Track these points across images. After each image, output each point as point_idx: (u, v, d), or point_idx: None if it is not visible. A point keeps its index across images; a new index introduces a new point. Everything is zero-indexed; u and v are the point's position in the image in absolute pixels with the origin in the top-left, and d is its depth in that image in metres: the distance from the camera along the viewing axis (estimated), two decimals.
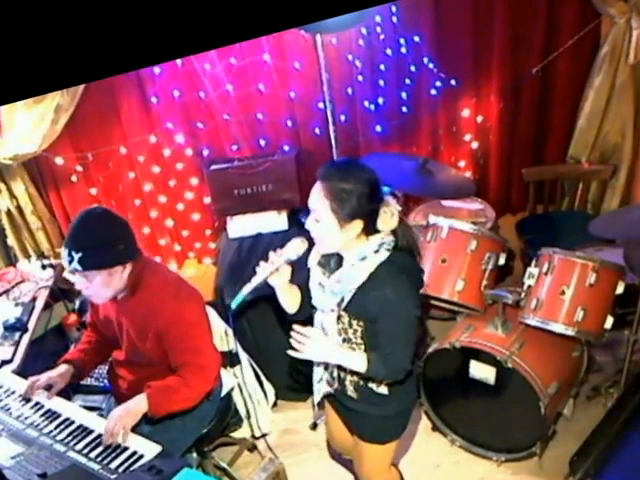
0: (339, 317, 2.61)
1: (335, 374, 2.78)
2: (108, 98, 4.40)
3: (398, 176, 4.12)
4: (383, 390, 2.71)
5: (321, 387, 2.88)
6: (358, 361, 2.58)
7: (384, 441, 2.93)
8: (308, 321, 2.77)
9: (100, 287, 2.79)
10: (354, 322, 2.58)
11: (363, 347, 2.63)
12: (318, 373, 2.88)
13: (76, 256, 2.66)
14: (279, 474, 3.30)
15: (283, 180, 4.38)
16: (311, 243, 2.61)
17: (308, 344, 2.56)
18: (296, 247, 2.59)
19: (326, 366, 2.80)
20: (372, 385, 2.71)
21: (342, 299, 2.55)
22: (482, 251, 3.66)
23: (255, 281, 2.58)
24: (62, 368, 3.11)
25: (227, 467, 3.80)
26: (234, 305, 2.60)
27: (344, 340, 2.64)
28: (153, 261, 3.11)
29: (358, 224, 2.44)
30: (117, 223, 2.81)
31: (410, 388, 2.85)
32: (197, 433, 3.24)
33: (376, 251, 2.47)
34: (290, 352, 2.61)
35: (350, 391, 2.78)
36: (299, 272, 2.74)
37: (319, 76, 4.31)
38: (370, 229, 2.49)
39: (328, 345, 2.64)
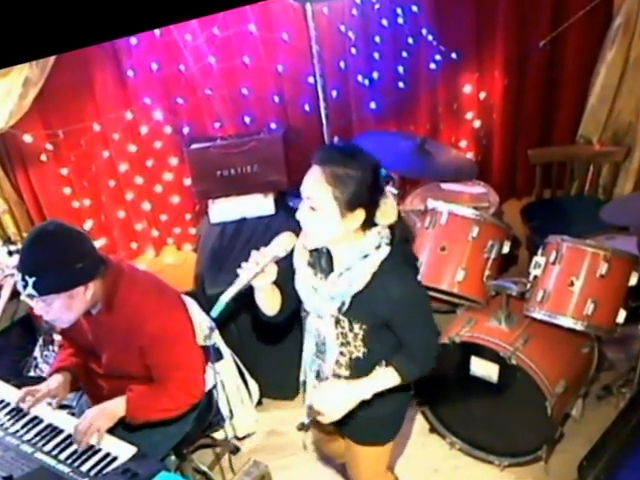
0: (337, 321, 2.55)
1: (320, 371, 2.73)
2: (81, 71, 4.37)
3: (394, 157, 4.10)
4: None
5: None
6: (389, 377, 2.55)
7: (381, 442, 2.90)
8: (288, 322, 2.72)
9: (61, 311, 2.71)
10: (356, 326, 2.52)
11: (362, 349, 2.58)
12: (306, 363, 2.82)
13: (30, 281, 2.57)
14: (264, 478, 3.31)
15: (269, 160, 4.35)
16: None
17: (329, 408, 2.52)
18: (284, 243, 2.47)
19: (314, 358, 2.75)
20: None
21: (342, 303, 2.48)
22: (484, 238, 3.65)
23: (237, 285, 2.41)
24: (59, 377, 3.05)
25: (207, 470, 3.80)
26: (214, 314, 2.42)
27: (342, 344, 2.59)
28: (129, 269, 3.00)
29: (360, 214, 2.38)
30: (73, 238, 2.71)
31: (406, 385, 2.84)
32: (180, 436, 3.23)
33: (377, 247, 2.43)
34: (320, 419, 2.56)
35: None
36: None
37: (309, 48, 4.29)
38: (369, 222, 2.43)
39: (349, 389, 2.55)
